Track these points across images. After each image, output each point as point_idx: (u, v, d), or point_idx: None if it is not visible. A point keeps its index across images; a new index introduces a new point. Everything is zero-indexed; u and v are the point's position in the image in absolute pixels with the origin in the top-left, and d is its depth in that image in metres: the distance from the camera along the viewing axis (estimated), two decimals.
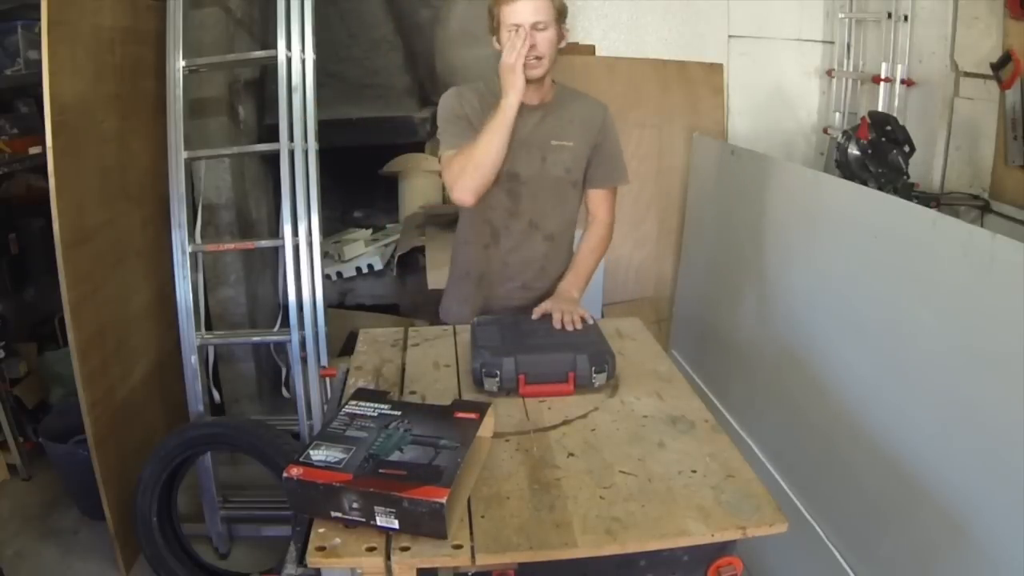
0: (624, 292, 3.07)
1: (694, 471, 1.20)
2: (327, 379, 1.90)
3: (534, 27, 1.64)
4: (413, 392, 1.49)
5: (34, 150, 2.69)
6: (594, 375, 1.45)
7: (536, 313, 1.69)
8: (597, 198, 1.89)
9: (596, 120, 1.83)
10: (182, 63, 2.27)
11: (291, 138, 2.25)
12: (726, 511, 1.09)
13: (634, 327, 1.82)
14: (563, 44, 1.73)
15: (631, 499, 1.12)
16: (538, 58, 1.67)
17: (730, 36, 3.26)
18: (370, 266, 3.31)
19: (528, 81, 1.67)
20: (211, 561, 2.33)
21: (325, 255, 2.64)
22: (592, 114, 1.83)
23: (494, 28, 1.70)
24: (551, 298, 1.76)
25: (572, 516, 1.08)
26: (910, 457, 1.57)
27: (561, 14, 1.69)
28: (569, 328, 1.61)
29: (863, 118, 2.61)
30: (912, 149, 2.41)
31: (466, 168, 1.67)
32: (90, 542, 2.41)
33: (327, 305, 2.35)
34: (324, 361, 2.32)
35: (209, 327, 2.54)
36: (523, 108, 1.72)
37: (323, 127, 2.31)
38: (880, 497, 1.66)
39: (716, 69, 3.10)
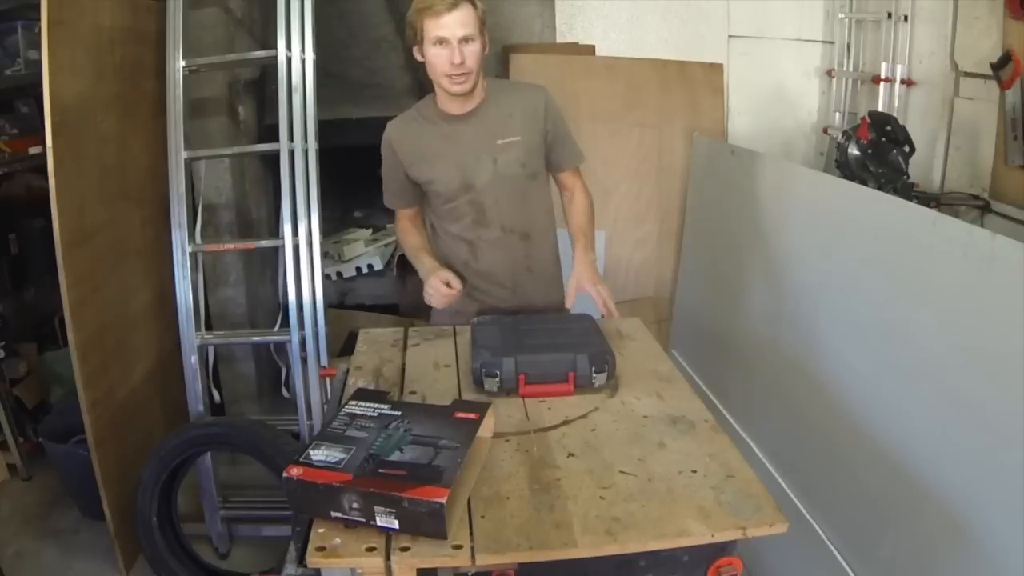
0: (624, 292, 3.07)
1: (694, 471, 1.20)
2: (327, 379, 1.90)
3: (462, 41, 1.61)
4: (413, 392, 1.49)
5: (34, 150, 2.70)
6: (594, 375, 1.45)
7: (570, 299, 1.73)
8: (566, 178, 1.90)
9: (538, 107, 1.78)
10: (182, 63, 2.27)
11: (291, 138, 2.26)
12: (726, 511, 1.09)
13: (634, 327, 1.82)
14: (486, 51, 1.70)
15: (631, 499, 1.12)
16: (466, 73, 1.65)
17: (730, 36, 3.26)
18: (370, 266, 3.31)
19: (456, 96, 1.70)
20: (211, 561, 2.33)
21: (325, 255, 2.64)
22: (532, 102, 1.79)
23: (416, 40, 1.67)
24: (578, 276, 1.73)
25: (572, 516, 1.08)
26: (910, 457, 1.57)
27: (483, 23, 1.66)
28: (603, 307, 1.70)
29: (863, 118, 2.61)
30: (912, 149, 2.41)
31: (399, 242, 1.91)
32: (90, 542, 2.41)
33: (327, 305, 2.35)
34: (324, 361, 2.33)
35: (209, 327, 2.54)
36: (457, 119, 1.75)
37: (323, 127, 2.31)
38: (880, 497, 1.66)
39: (716, 69, 3.09)
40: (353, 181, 3.46)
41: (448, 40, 1.61)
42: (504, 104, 1.78)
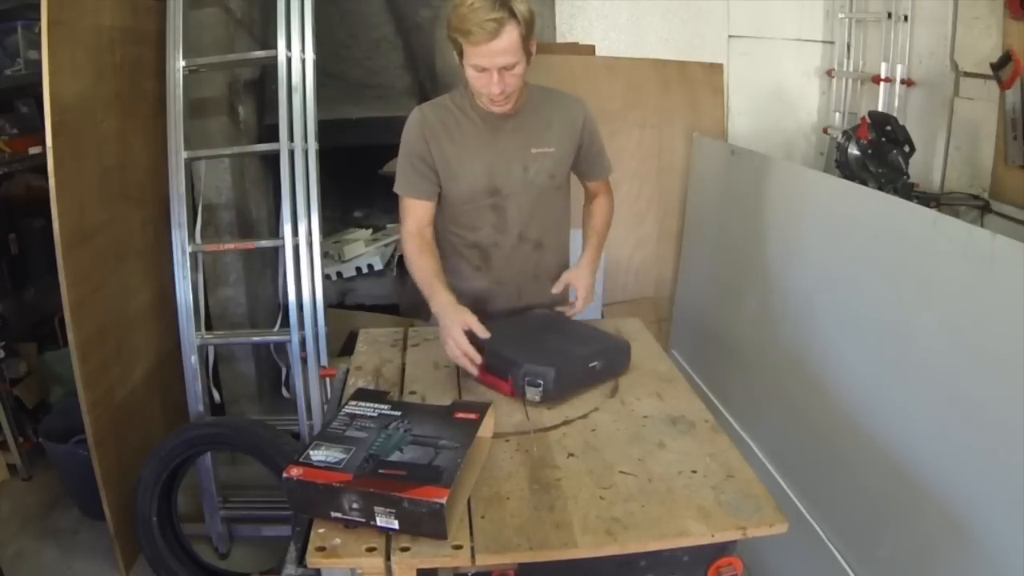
0: (624, 292, 3.07)
1: (694, 471, 1.20)
2: (327, 379, 1.90)
3: (502, 69, 1.51)
4: (413, 392, 1.49)
5: (34, 150, 2.70)
6: (527, 387, 1.41)
7: (558, 287, 1.75)
8: (595, 186, 1.89)
9: (577, 120, 1.74)
10: (182, 63, 2.27)
11: (291, 138, 2.26)
12: (726, 511, 1.09)
13: (634, 327, 1.82)
14: (532, 58, 1.58)
15: (631, 499, 1.12)
16: (508, 96, 1.58)
17: (730, 36, 3.26)
18: (370, 266, 3.31)
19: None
20: (211, 561, 2.33)
21: (325, 255, 2.64)
22: (572, 114, 1.74)
23: (458, 53, 1.56)
24: (576, 276, 1.76)
25: (572, 516, 1.08)
26: (910, 457, 1.57)
27: (527, 39, 1.52)
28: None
29: (863, 118, 2.61)
30: (912, 149, 2.41)
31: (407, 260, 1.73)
32: (90, 542, 2.41)
33: (327, 305, 2.35)
34: (324, 361, 2.33)
35: (209, 327, 2.54)
36: (495, 118, 1.69)
37: (323, 127, 2.31)
38: (880, 497, 1.66)
39: (716, 69, 3.09)
40: (353, 181, 3.47)
41: (488, 69, 1.51)
42: (544, 112, 1.72)
